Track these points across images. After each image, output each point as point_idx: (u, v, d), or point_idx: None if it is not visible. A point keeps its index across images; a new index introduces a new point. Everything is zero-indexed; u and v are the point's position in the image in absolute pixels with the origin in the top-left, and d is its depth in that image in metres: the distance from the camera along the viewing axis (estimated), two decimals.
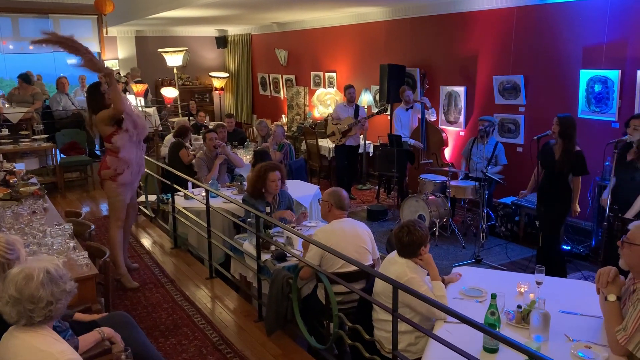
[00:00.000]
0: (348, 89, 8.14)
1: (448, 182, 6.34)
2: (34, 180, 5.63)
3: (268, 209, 4.44)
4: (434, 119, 7.64)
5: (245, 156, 7.31)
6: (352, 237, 3.74)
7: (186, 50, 11.83)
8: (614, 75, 5.64)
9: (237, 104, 13.37)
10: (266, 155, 6.14)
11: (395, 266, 3.10)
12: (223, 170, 6.36)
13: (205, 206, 4.88)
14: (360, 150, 8.51)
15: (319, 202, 5.43)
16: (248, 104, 13.11)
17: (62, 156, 8.63)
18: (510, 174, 6.43)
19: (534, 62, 6.51)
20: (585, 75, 5.91)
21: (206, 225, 4.87)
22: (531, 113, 6.62)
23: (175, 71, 11.59)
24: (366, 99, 8.93)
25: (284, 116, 11.42)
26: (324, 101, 9.92)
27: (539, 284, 3.12)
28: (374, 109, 8.66)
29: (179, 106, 11.40)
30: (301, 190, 5.83)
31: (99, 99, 4.51)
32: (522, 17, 6.59)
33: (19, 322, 2.15)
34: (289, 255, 3.99)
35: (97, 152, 9.79)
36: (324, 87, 10.22)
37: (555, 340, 2.61)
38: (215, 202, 5.12)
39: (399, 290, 2.68)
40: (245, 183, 5.44)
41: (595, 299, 2.76)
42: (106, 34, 10.59)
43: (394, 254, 3.21)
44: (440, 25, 7.73)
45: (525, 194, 5.37)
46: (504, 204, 6.37)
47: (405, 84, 7.86)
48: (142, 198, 6.78)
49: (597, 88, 5.81)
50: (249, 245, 4.39)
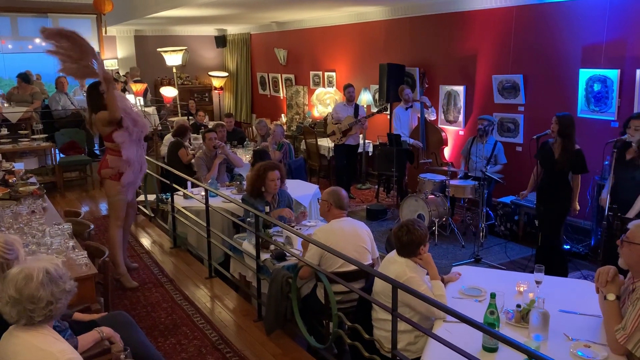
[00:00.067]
0: (347, 88, 8.13)
1: (447, 182, 6.34)
2: (33, 179, 5.63)
3: (267, 209, 4.43)
4: (433, 118, 7.64)
5: (244, 156, 7.31)
6: (352, 237, 3.75)
7: (185, 49, 11.82)
8: (613, 74, 5.64)
9: (236, 103, 13.36)
10: (265, 155, 6.15)
11: (395, 265, 3.10)
12: (222, 170, 6.36)
13: (204, 206, 4.88)
14: (360, 150, 8.50)
15: (318, 201, 5.44)
16: (247, 103, 13.10)
17: (62, 156, 8.63)
18: (510, 173, 6.43)
19: (533, 61, 6.51)
20: (585, 74, 5.91)
21: (205, 224, 4.87)
22: (530, 112, 6.62)
23: (174, 70, 11.57)
24: (365, 98, 8.92)
25: (283, 115, 11.41)
26: (323, 100, 9.91)
27: (538, 283, 3.12)
28: (374, 108, 8.64)
29: (178, 106, 11.39)
30: (300, 190, 5.83)
31: (98, 98, 4.50)
32: (522, 16, 6.59)
33: (19, 322, 2.15)
34: (288, 254, 3.99)
35: (97, 152, 9.78)
36: (324, 86, 10.21)
37: (555, 340, 2.61)
38: (214, 202, 5.11)
39: (398, 290, 2.68)
40: (245, 182, 5.43)
41: (594, 298, 2.76)
42: (105, 33, 10.60)
43: (394, 253, 3.21)
44: (439, 25, 7.72)
45: (525, 194, 5.35)
46: (503, 203, 6.37)
47: (405, 83, 7.86)
48: (141, 197, 6.78)
49: (597, 87, 5.81)
50: (248, 245, 4.39)
